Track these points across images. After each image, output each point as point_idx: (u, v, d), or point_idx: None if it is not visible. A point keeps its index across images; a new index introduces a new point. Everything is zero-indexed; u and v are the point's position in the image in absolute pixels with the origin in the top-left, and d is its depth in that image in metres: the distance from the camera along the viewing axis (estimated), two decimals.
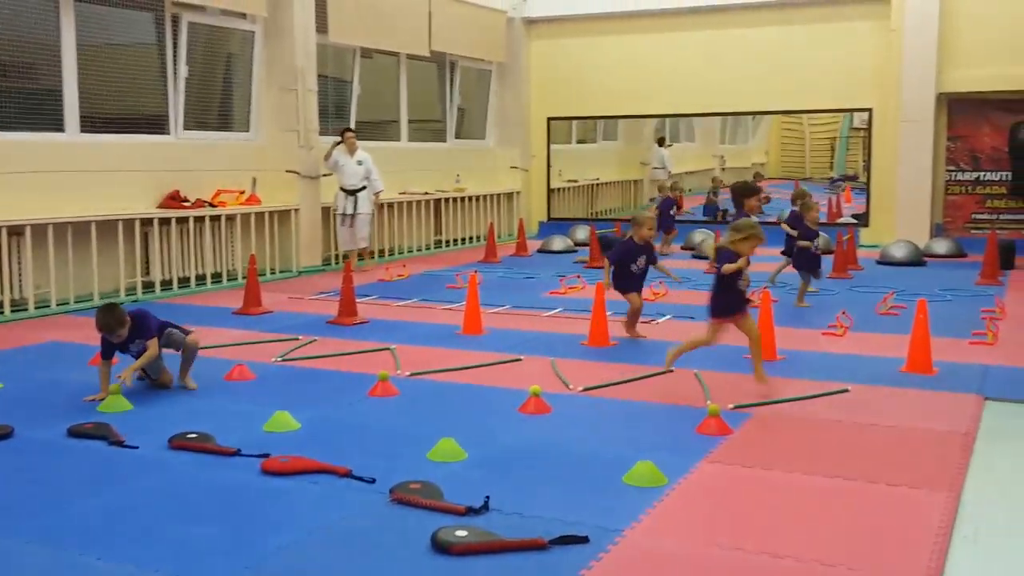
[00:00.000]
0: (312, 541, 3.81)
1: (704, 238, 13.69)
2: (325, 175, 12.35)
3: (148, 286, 10.35)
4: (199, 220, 10.81)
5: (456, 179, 15.63)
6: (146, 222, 10.29)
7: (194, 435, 5.10)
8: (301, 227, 12.15)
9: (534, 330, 8.36)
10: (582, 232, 15.46)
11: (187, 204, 10.73)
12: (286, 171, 12.00)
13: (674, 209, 14.46)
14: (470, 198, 15.79)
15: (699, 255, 12.88)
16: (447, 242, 15.34)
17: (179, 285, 10.61)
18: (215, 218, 11.04)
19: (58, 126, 9.79)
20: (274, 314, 9.23)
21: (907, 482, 4.42)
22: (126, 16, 10.71)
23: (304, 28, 12.16)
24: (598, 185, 19.15)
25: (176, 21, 10.94)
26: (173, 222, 10.51)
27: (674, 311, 8.99)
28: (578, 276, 11.22)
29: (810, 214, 9.70)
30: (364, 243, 12.53)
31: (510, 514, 4.03)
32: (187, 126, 11.20)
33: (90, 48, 10.12)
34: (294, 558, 3.66)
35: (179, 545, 3.77)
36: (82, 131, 9.97)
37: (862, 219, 15.58)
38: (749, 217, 9.09)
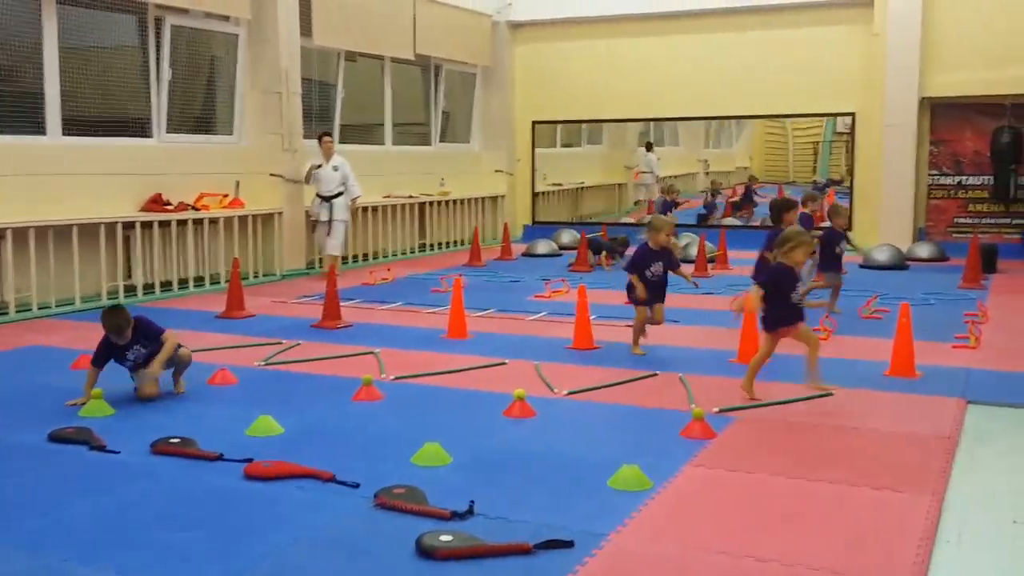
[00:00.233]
0: (296, 546, 3.79)
1: (688, 242, 13.69)
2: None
3: (130, 290, 10.29)
4: (182, 224, 10.75)
5: (441, 183, 15.61)
6: (128, 226, 10.23)
7: (176, 440, 5.07)
8: (284, 231, 12.10)
9: (519, 334, 8.35)
10: (567, 236, 15.47)
11: (170, 207, 10.67)
12: (270, 174, 11.96)
13: (671, 210, 15.00)
14: (455, 202, 15.78)
15: (683, 259, 12.85)
16: (431, 246, 15.32)
17: (161, 289, 10.55)
18: (198, 222, 10.98)
19: (40, 129, 9.72)
20: (257, 318, 9.19)
21: (891, 485, 4.44)
22: (109, 19, 10.66)
23: (288, 31, 12.12)
24: (583, 189, 19.18)
25: (159, 24, 10.89)
26: (155, 226, 10.45)
27: None
28: (563, 280, 11.23)
29: (837, 220, 9.81)
30: (337, 251, 12.14)
31: (495, 518, 4.02)
32: (170, 129, 11.14)
33: (73, 51, 10.06)
34: (279, 564, 3.65)
35: (163, 551, 3.75)
36: (64, 134, 9.91)
37: (846, 223, 15.62)
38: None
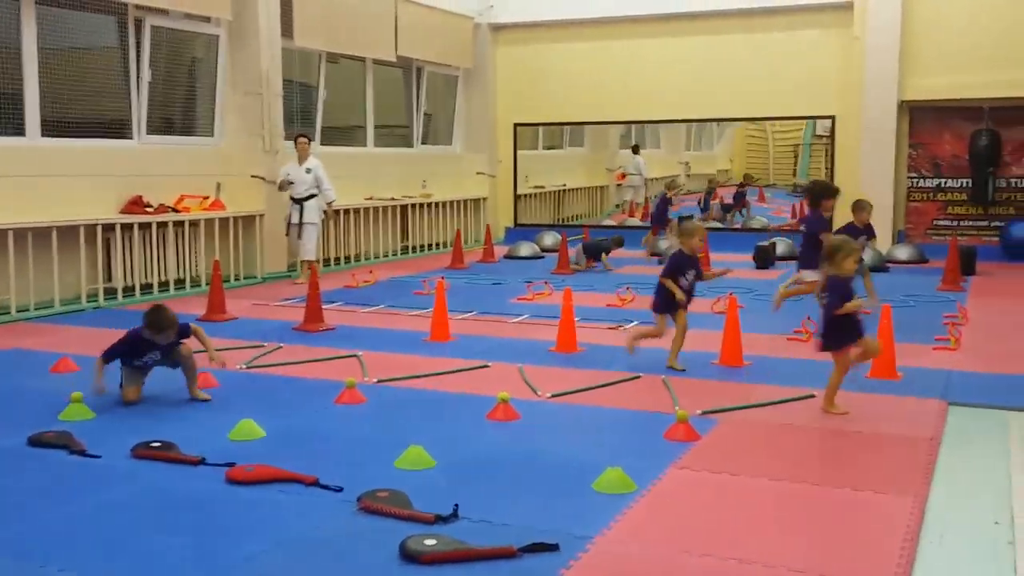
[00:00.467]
0: (280, 551, 3.77)
1: (670, 245, 13.71)
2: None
3: (110, 292, 10.21)
4: (162, 226, 10.69)
5: (423, 185, 15.59)
6: (108, 228, 10.16)
7: (157, 444, 5.03)
8: (266, 233, 12.03)
9: (502, 336, 8.35)
10: (549, 238, 15.48)
11: (150, 209, 10.60)
12: (251, 176, 11.90)
13: (669, 207, 14.97)
14: (437, 204, 15.76)
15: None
16: (414, 248, 15.29)
17: (142, 291, 10.48)
18: (178, 223, 10.92)
19: (19, 130, 9.64)
20: (238, 321, 9.14)
21: (873, 487, 4.46)
22: (89, 20, 10.58)
23: (269, 32, 12.07)
24: (565, 191, 19.19)
25: (139, 24, 10.82)
26: (136, 228, 10.38)
27: (640, 317, 8.98)
28: (545, 282, 11.23)
29: (861, 215, 9.49)
30: (309, 255, 11.74)
31: (479, 522, 4.01)
32: (150, 131, 11.08)
33: (52, 51, 9.99)
34: (262, 568, 3.62)
35: (144, 556, 3.72)
36: (43, 135, 9.84)
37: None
38: (824, 220, 8.77)
